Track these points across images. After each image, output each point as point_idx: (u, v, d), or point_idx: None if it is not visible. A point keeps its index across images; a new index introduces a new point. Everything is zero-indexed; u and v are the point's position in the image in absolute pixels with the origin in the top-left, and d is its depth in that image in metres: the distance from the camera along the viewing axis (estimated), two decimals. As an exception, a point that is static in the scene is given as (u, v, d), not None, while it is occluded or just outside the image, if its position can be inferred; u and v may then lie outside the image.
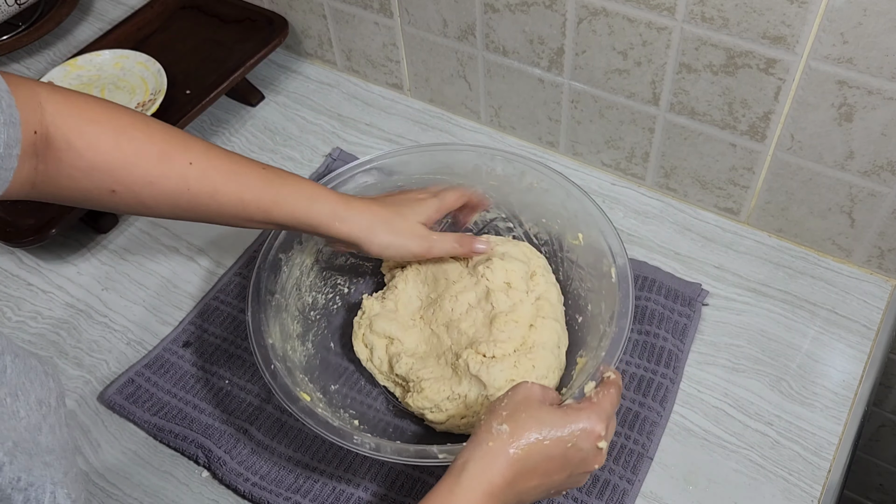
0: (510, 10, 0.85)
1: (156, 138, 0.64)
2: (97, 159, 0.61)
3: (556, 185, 0.79)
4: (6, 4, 1.06)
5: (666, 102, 0.83)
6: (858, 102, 0.72)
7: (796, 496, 0.70)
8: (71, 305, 0.87)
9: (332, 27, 1.04)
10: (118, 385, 0.79)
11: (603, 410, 0.58)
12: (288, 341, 0.75)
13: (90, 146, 0.60)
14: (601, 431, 0.57)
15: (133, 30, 1.06)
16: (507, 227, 0.85)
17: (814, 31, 0.69)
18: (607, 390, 0.59)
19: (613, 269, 0.72)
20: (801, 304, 0.82)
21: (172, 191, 0.64)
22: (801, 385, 0.77)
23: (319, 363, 0.78)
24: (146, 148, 0.63)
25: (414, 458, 0.63)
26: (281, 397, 0.67)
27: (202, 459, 0.75)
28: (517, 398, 0.58)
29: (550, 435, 0.56)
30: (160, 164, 0.63)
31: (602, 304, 0.73)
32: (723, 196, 0.88)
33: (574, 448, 0.56)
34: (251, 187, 0.67)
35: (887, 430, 1.10)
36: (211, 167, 0.65)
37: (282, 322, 0.75)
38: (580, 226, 0.78)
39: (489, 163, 0.82)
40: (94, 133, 0.61)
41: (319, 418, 0.66)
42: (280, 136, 1.02)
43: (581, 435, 0.56)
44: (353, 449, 0.64)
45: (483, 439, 0.56)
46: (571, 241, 0.79)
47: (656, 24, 0.77)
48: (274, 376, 0.68)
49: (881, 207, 0.78)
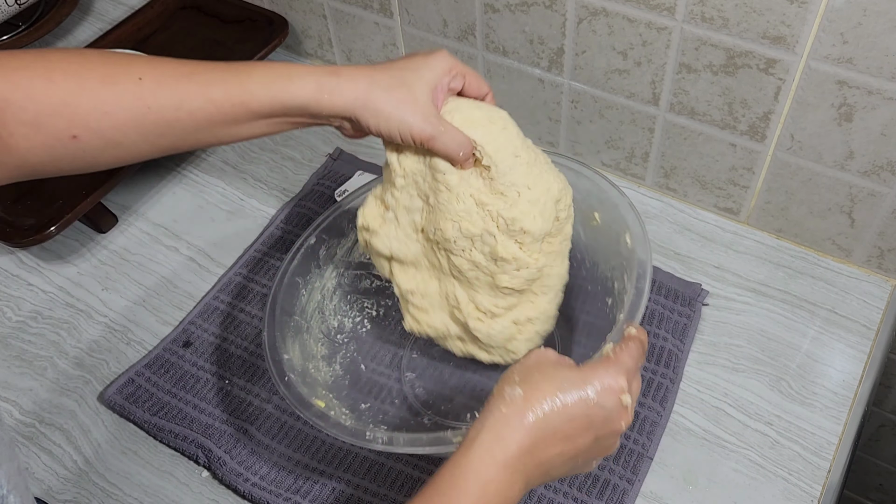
0: (510, 10, 0.85)
1: (93, 64, 0.57)
2: (39, 106, 0.55)
3: (566, 169, 0.73)
4: (6, 4, 1.06)
5: (666, 102, 0.83)
6: (858, 102, 0.72)
7: (796, 496, 0.70)
8: (71, 305, 0.87)
9: (332, 27, 1.04)
10: (118, 385, 0.79)
11: (622, 364, 0.53)
12: (310, 361, 0.73)
13: (27, 95, 0.55)
14: (623, 385, 0.52)
15: (133, 30, 1.06)
16: None
17: (814, 31, 0.69)
18: (627, 345, 0.55)
19: (628, 235, 0.69)
20: (801, 304, 0.82)
21: (133, 114, 0.58)
22: (801, 385, 0.77)
23: (349, 383, 0.76)
24: (85, 77, 0.57)
25: (427, 447, 0.59)
26: (293, 403, 0.65)
27: (202, 459, 0.75)
28: (529, 362, 0.54)
29: (569, 394, 0.51)
30: (106, 88, 0.57)
31: (625, 277, 0.69)
32: (723, 196, 0.88)
33: (597, 406, 0.51)
34: (215, 83, 0.59)
35: (887, 429, 1.10)
36: (164, 76, 0.59)
37: (302, 342, 0.73)
38: (595, 204, 0.74)
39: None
40: (24, 79, 0.55)
41: (331, 420, 0.64)
42: (280, 136, 1.02)
43: (602, 391, 0.51)
44: (366, 445, 0.61)
45: (496, 405, 0.51)
46: (591, 224, 0.75)
47: (656, 24, 0.77)
48: (288, 386, 0.66)
49: (881, 207, 0.78)
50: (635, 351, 0.55)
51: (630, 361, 0.54)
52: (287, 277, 0.74)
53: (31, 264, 0.91)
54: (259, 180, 0.98)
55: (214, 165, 0.99)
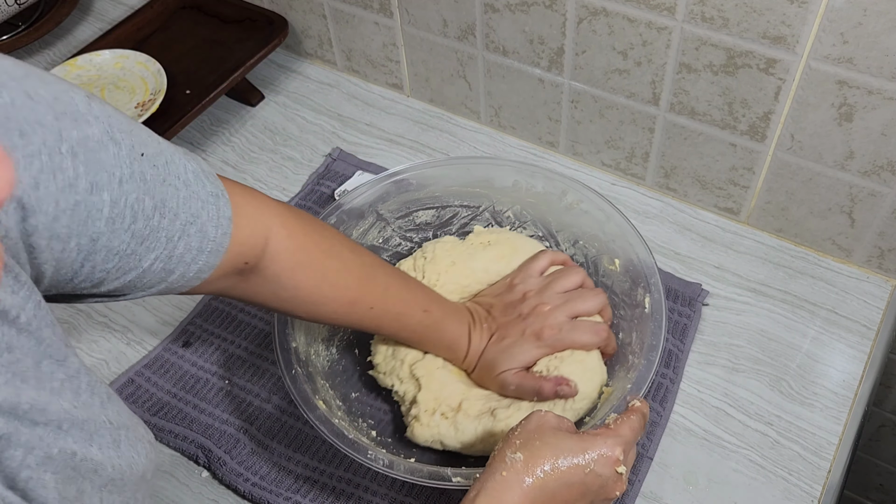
0: (510, 10, 0.85)
1: (351, 284, 0.66)
2: (296, 296, 0.63)
3: (596, 208, 0.78)
4: (6, 4, 1.06)
5: (666, 102, 0.83)
6: (858, 102, 0.72)
7: (796, 496, 0.70)
8: (71, 305, 0.87)
9: (332, 27, 1.04)
10: (118, 385, 0.79)
11: (620, 436, 0.56)
12: (312, 345, 0.74)
13: (294, 285, 0.62)
14: (619, 456, 0.55)
15: (133, 30, 1.06)
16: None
17: (814, 31, 0.69)
18: (627, 417, 0.58)
19: (648, 299, 0.71)
20: (801, 304, 0.82)
21: (344, 323, 0.69)
22: (801, 385, 0.77)
23: (342, 370, 0.77)
24: (341, 294, 0.65)
25: (426, 480, 0.62)
26: (300, 404, 0.66)
27: (202, 459, 0.75)
28: (530, 426, 0.56)
29: (567, 461, 0.54)
30: (347, 308, 0.66)
31: (633, 334, 0.72)
32: (723, 196, 0.88)
33: (592, 474, 0.54)
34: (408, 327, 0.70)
35: (887, 430, 1.10)
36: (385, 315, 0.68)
37: (307, 325, 0.74)
38: (617, 251, 0.76)
39: (529, 179, 0.81)
40: (302, 276, 0.62)
41: (335, 428, 0.65)
42: (280, 136, 1.02)
43: (599, 460, 0.54)
44: (366, 464, 0.63)
45: (496, 469, 0.54)
46: (608, 266, 0.78)
47: (656, 24, 0.77)
48: (294, 381, 0.67)
49: (881, 207, 0.78)
50: (636, 423, 0.58)
51: (629, 434, 0.57)
52: None
53: (31, 264, 0.91)
54: (259, 180, 0.98)
55: (215, 165, 0.99)
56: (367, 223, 0.82)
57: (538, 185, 0.81)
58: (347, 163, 0.97)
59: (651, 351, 0.68)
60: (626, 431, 0.57)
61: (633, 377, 0.67)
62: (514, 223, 0.84)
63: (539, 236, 0.84)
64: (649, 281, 0.72)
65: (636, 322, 0.72)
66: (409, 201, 0.83)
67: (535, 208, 0.82)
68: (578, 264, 0.81)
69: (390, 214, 0.83)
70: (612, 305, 0.76)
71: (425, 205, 0.84)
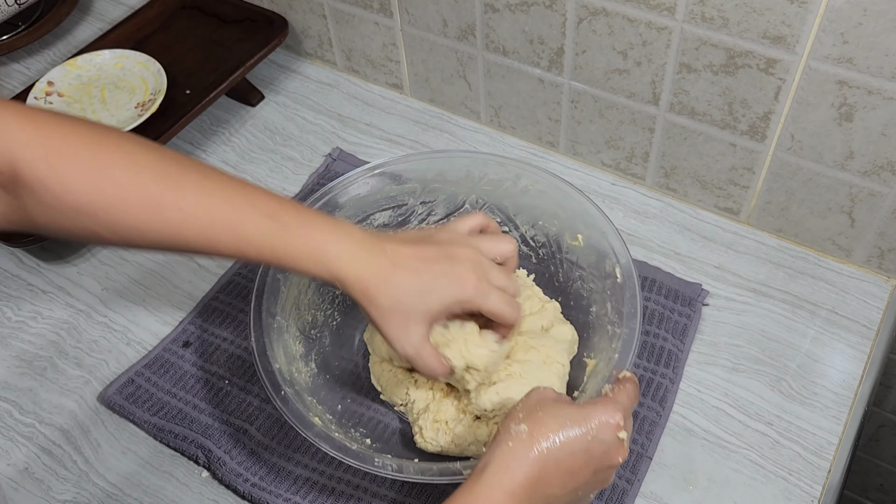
0: (510, 10, 0.85)
1: (142, 179, 0.56)
2: (77, 201, 0.54)
3: (553, 187, 0.78)
4: (6, 4, 1.06)
5: (666, 102, 0.83)
6: (858, 102, 0.72)
7: (796, 496, 0.70)
8: (71, 305, 0.87)
9: (332, 27, 1.04)
10: (118, 385, 0.79)
11: (619, 403, 0.57)
12: (293, 363, 0.73)
13: (67, 188, 0.54)
14: (619, 421, 0.55)
15: (133, 30, 1.06)
16: (503, 231, 0.84)
17: (814, 31, 0.69)
18: (623, 385, 0.59)
19: (618, 269, 0.72)
20: (801, 304, 0.82)
21: (165, 239, 0.58)
22: (801, 385, 0.77)
23: (324, 383, 0.76)
24: (131, 192, 0.56)
25: (438, 477, 0.62)
26: (295, 424, 0.65)
27: (202, 460, 0.75)
28: (531, 401, 0.57)
29: (570, 429, 0.54)
30: (148, 211, 0.56)
31: (608, 305, 0.73)
32: (723, 196, 0.88)
33: (595, 441, 0.55)
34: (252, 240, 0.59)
35: (887, 430, 1.10)
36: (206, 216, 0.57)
37: (285, 344, 0.73)
38: (579, 226, 0.77)
39: (482, 168, 0.81)
40: (69, 172, 0.54)
41: (336, 442, 0.64)
42: (280, 136, 1.02)
43: (600, 426, 0.55)
44: (374, 472, 0.63)
45: (503, 440, 0.54)
46: (571, 243, 0.78)
47: (656, 24, 0.77)
48: (285, 402, 0.66)
49: (881, 207, 0.78)
50: (631, 391, 0.59)
51: (626, 401, 0.58)
52: (270, 275, 0.74)
53: (31, 264, 0.91)
54: (259, 180, 0.98)
55: (214, 165, 0.99)
56: None
57: (491, 173, 0.81)
58: (347, 163, 0.97)
59: (631, 319, 0.68)
60: (624, 398, 0.57)
61: (619, 346, 0.67)
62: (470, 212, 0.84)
63: (498, 221, 0.82)
64: (616, 251, 0.73)
65: (609, 293, 0.73)
66: (364, 205, 0.82)
67: (490, 195, 0.82)
68: (540, 244, 0.81)
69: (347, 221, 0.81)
70: (580, 279, 0.77)
71: (381, 206, 0.83)
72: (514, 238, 0.73)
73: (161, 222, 0.57)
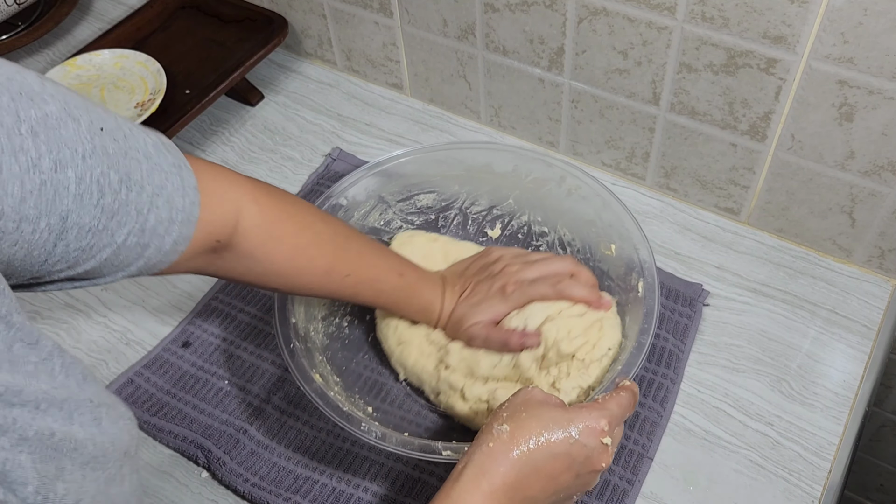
0: (510, 10, 0.85)
1: (325, 253, 0.67)
2: (271, 269, 0.64)
3: (594, 194, 0.78)
4: (5, 4, 1.06)
5: (666, 102, 0.83)
6: (859, 102, 0.71)
7: (797, 496, 0.70)
8: (70, 305, 0.87)
9: (332, 27, 1.04)
10: (118, 385, 0.79)
11: (606, 409, 0.57)
12: (311, 322, 0.76)
13: (269, 259, 0.63)
14: (604, 427, 0.55)
15: (133, 29, 1.06)
16: (541, 232, 0.85)
17: (814, 31, 0.69)
18: (617, 393, 0.59)
19: (641, 283, 0.72)
20: (802, 304, 0.82)
21: (324, 295, 0.70)
22: (802, 385, 0.77)
23: (340, 346, 0.79)
24: (315, 265, 0.66)
25: (417, 452, 0.63)
26: (297, 376, 0.67)
27: (202, 460, 0.74)
28: (517, 400, 0.57)
29: (553, 433, 0.54)
30: (323, 278, 0.67)
31: (627, 318, 0.73)
32: (723, 196, 0.88)
33: (578, 444, 0.55)
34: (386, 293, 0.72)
35: (888, 430, 1.10)
36: (361, 282, 0.69)
37: (308, 302, 0.76)
38: (614, 237, 0.77)
39: (528, 165, 0.82)
40: (275, 249, 0.63)
41: (330, 401, 0.66)
42: (280, 136, 1.02)
43: (584, 431, 0.55)
44: (358, 435, 0.64)
45: (483, 440, 0.54)
46: (604, 252, 0.78)
47: (657, 24, 0.77)
48: (292, 355, 0.69)
49: (882, 207, 0.78)
50: (624, 400, 0.59)
51: (616, 409, 0.58)
52: None
53: (31, 264, 0.91)
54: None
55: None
56: (368, 206, 0.83)
57: (536, 171, 0.82)
58: (347, 163, 0.97)
59: (643, 334, 0.68)
60: (613, 406, 0.57)
61: (624, 358, 0.67)
62: (514, 208, 0.86)
63: (538, 221, 0.85)
64: (643, 265, 0.73)
65: (629, 306, 0.73)
66: (409, 185, 0.85)
67: (533, 194, 0.83)
68: (576, 249, 0.82)
69: (391, 197, 0.84)
70: (608, 290, 0.76)
71: (426, 189, 0.86)
72: (569, 256, 0.77)
73: (329, 286, 0.68)
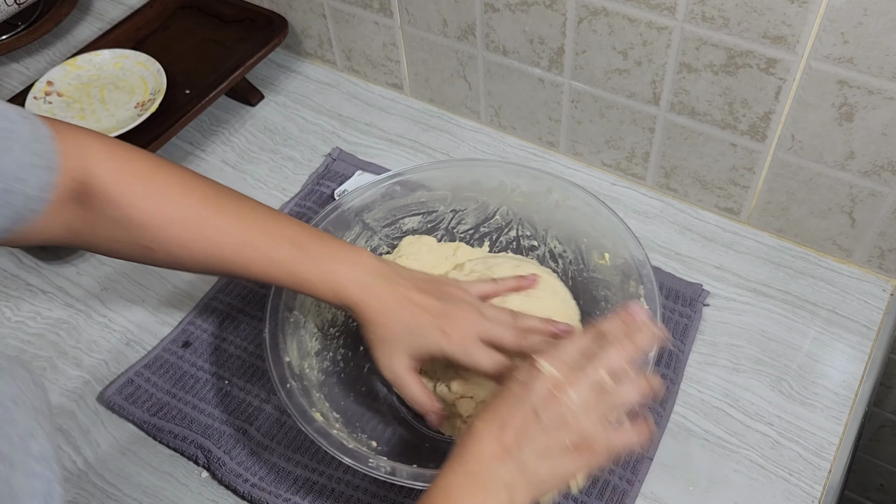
0: (510, 10, 0.85)
1: (193, 200, 0.65)
2: (134, 214, 0.62)
3: (584, 204, 0.77)
4: (6, 4, 1.06)
5: (666, 102, 0.83)
6: (859, 102, 0.71)
7: (797, 496, 0.70)
8: (71, 305, 0.87)
9: (332, 27, 1.04)
10: (117, 385, 0.79)
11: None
12: (305, 359, 0.74)
13: (129, 201, 0.62)
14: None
15: (133, 29, 1.06)
16: (530, 246, 0.83)
17: (814, 31, 0.69)
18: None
19: (642, 290, 0.72)
20: (802, 304, 0.82)
21: (205, 256, 0.65)
22: (802, 385, 0.77)
23: (336, 381, 0.76)
24: (182, 210, 0.64)
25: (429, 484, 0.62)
26: (297, 418, 0.66)
27: (201, 460, 0.74)
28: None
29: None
30: (193, 229, 0.64)
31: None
32: (723, 196, 0.88)
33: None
34: (281, 264, 0.66)
35: (888, 430, 1.10)
36: (241, 237, 0.65)
37: (300, 339, 0.74)
38: (607, 245, 0.76)
39: (514, 179, 0.81)
40: (133, 188, 0.62)
41: (334, 439, 0.65)
42: (280, 136, 1.02)
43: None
44: (368, 472, 0.63)
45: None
46: (597, 261, 0.78)
47: (657, 24, 0.77)
48: (290, 395, 0.67)
49: (882, 207, 0.78)
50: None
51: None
52: None
53: (31, 264, 0.91)
54: (258, 180, 0.97)
55: (214, 166, 0.99)
56: (353, 234, 0.81)
57: (523, 185, 0.81)
58: (347, 163, 0.97)
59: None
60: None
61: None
62: (502, 224, 0.84)
63: (527, 235, 0.83)
64: (641, 272, 0.72)
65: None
66: (394, 208, 0.82)
67: (522, 208, 0.82)
68: (568, 260, 0.80)
69: (376, 223, 0.82)
70: (606, 299, 0.76)
71: (411, 211, 0.83)
72: (508, 311, 0.71)
73: (203, 239, 0.64)
